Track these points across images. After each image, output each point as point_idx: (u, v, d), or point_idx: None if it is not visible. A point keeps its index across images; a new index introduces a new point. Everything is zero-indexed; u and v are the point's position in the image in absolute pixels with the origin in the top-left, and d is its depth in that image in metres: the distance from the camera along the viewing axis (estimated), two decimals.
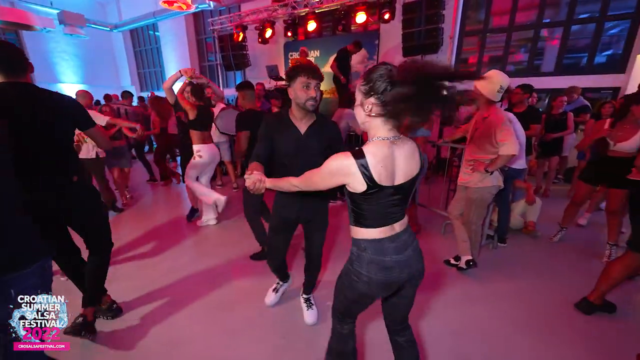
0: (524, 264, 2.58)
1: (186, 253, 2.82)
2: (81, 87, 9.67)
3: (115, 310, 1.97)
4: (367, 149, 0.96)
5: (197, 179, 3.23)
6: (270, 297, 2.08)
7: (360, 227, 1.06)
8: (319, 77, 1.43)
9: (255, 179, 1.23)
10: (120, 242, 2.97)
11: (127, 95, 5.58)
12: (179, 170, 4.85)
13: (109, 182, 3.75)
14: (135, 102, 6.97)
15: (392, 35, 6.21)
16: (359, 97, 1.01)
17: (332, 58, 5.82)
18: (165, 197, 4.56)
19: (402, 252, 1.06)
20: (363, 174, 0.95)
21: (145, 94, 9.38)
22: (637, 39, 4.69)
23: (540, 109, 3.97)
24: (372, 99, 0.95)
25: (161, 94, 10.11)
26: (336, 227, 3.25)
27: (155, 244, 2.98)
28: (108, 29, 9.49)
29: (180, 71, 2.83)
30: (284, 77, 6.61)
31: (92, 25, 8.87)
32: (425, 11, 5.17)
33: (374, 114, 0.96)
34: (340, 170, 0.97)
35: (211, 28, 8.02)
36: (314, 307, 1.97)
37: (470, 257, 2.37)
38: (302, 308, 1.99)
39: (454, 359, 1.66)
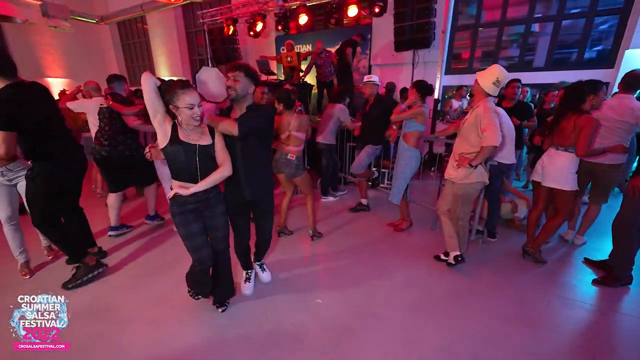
0: (511, 259, 2.60)
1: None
2: (66, 81, 9.41)
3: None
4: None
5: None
6: (248, 286, 2.18)
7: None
8: (236, 69, 1.69)
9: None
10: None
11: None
12: None
13: None
14: None
15: (384, 29, 6.15)
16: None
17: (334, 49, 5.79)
18: None
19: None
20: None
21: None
22: (626, 34, 4.72)
23: (532, 104, 3.97)
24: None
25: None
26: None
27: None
28: (94, 21, 9.21)
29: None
30: (274, 71, 6.56)
31: (78, 17, 8.60)
32: (417, 5, 5.12)
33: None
34: None
35: (201, 21, 7.84)
36: (267, 269, 2.32)
37: (458, 253, 2.37)
38: (257, 272, 2.28)
39: (444, 356, 1.66)
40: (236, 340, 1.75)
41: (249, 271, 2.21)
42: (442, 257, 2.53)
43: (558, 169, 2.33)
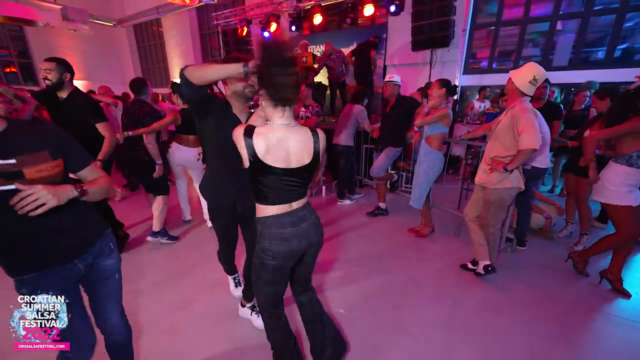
0: (544, 269, 2.44)
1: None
2: (85, 83, 9.61)
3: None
4: (258, 129, 1.11)
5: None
6: (239, 290, 2.06)
7: (263, 204, 1.20)
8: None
9: None
10: None
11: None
12: None
13: None
14: None
15: (400, 28, 6.01)
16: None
17: (348, 50, 5.72)
18: None
19: (297, 225, 1.22)
20: (248, 149, 1.09)
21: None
22: None
23: (561, 105, 3.78)
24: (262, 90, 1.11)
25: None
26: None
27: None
28: (112, 24, 9.38)
29: None
30: None
31: (96, 21, 8.77)
32: (436, 2, 4.98)
33: (264, 103, 1.14)
34: (235, 139, 1.11)
35: (215, 22, 7.88)
36: None
37: (488, 262, 2.23)
38: (248, 317, 1.88)
39: None
40: (258, 353, 1.67)
41: (237, 275, 2.06)
42: (470, 266, 2.40)
43: (602, 181, 2.09)
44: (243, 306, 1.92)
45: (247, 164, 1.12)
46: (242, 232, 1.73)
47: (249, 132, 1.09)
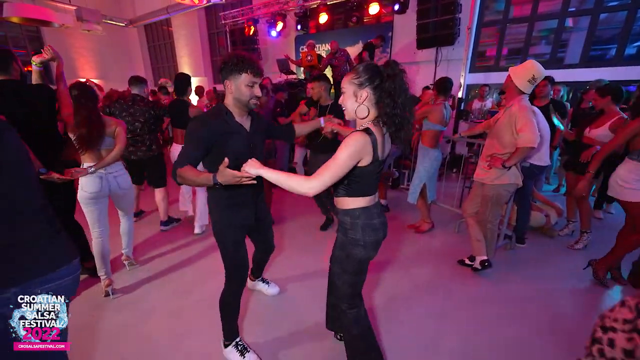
0: (542, 266, 2.45)
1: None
2: (98, 82, 9.90)
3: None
4: (370, 128, 1.11)
5: None
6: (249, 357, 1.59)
7: (353, 197, 1.21)
8: (262, 75, 1.36)
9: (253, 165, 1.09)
10: None
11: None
12: None
13: None
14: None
15: (406, 27, 6.01)
16: (350, 88, 1.14)
17: (353, 48, 5.73)
18: None
19: (381, 215, 1.28)
20: (373, 148, 1.10)
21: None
22: None
23: (568, 103, 3.74)
24: (367, 89, 1.12)
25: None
26: None
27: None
28: (123, 24, 9.63)
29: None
30: (294, 70, 6.57)
31: (109, 21, 9.02)
32: (441, 0, 4.98)
33: (365, 103, 1.13)
34: (363, 149, 1.08)
35: (223, 22, 8.01)
36: (271, 281, 2.15)
37: (485, 258, 2.26)
38: (260, 289, 2.11)
39: None
40: (257, 336, 1.74)
41: (240, 338, 1.64)
42: (467, 261, 2.42)
43: (615, 180, 2.04)
44: (226, 346, 1.61)
45: (367, 162, 1.11)
46: (254, 237, 1.75)
47: (370, 133, 1.09)
